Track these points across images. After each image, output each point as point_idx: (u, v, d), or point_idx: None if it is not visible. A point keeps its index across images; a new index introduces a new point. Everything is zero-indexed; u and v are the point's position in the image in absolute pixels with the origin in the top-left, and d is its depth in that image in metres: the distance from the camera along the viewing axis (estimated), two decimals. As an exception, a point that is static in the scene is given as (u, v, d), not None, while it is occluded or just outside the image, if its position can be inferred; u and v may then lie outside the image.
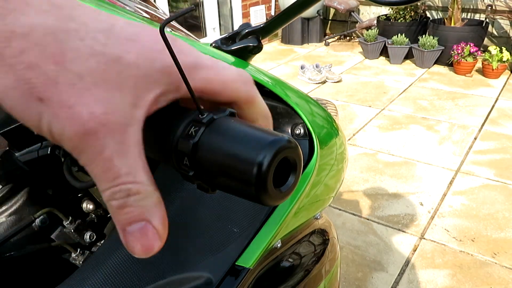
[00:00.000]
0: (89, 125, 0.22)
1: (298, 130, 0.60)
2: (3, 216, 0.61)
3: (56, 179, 0.65)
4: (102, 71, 0.22)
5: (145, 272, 0.46)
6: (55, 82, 0.21)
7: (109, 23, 0.24)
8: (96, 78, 0.22)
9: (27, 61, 0.21)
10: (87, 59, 0.22)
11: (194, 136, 0.26)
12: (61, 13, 0.22)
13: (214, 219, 0.50)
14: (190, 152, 0.26)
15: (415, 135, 2.95)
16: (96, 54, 0.22)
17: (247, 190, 0.25)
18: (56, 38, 0.22)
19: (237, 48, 0.67)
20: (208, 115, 0.26)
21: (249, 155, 0.24)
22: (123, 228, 0.24)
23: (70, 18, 0.23)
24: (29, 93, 0.21)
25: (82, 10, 0.23)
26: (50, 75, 0.21)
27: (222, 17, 4.89)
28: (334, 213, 2.17)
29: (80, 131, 0.22)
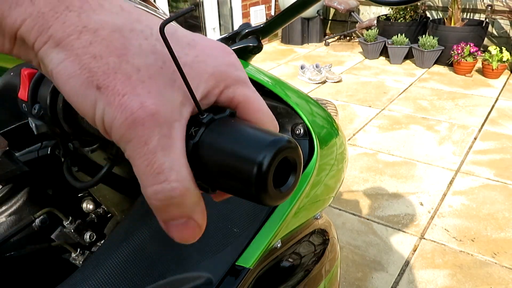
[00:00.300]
0: (138, 114, 0.23)
1: (298, 130, 0.60)
2: (3, 216, 0.61)
3: (56, 179, 0.65)
4: (159, 68, 0.24)
5: (145, 272, 0.46)
6: (114, 72, 0.23)
7: (173, 29, 0.26)
8: (152, 73, 0.24)
9: (93, 52, 0.23)
10: (147, 56, 0.24)
11: (194, 136, 0.26)
12: (130, 16, 0.25)
13: (214, 219, 0.50)
14: (190, 152, 0.26)
15: (415, 135, 2.95)
16: (156, 52, 0.24)
17: (247, 190, 0.25)
18: (122, 34, 0.24)
19: (237, 48, 0.67)
20: (208, 115, 0.26)
21: (249, 155, 0.24)
22: (165, 222, 0.26)
23: (138, 20, 0.25)
24: (89, 81, 0.23)
25: (148, 16, 0.26)
26: (111, 65, 0.23)
27: (222, 17, 4.89)
28: (334, 213, 2.17)
29: (129, 119, 0.23)
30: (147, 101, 0.23)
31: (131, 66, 0.24)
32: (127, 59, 0.24)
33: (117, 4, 0.25)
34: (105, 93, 0.23)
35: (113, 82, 0.23)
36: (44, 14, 0.23)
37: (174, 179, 0.24)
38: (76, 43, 0.23)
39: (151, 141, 0.24)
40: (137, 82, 0.24)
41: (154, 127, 0.24)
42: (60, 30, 0.23)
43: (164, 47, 0.25)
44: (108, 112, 0.23)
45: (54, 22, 0.23)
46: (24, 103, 0.45)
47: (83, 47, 0.23)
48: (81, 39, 0.23)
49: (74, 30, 0.23)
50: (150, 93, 0.24)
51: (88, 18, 0.23)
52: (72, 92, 0.24)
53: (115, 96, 0.23)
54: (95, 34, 0.23)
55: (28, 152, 0.63)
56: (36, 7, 0.23)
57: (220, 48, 0.28)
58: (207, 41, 0.28)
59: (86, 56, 0.23)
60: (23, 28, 0.23)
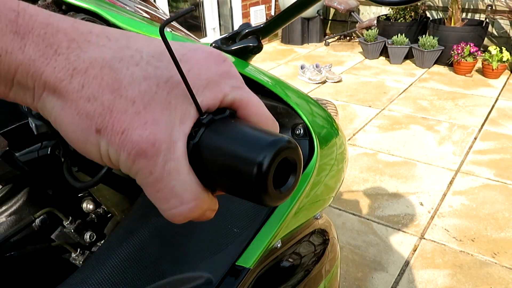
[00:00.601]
0: (138, 147, 0.24)
1: (298, 130, 0.60)
2: (3, 216, 0.61)
3: (56, 179, 0.64)
4: (153, 93, 0.25)
5: (145, 272, 0.46)
6: (110, 111, 0.24)
7: (162, 47, 0.26)
8: (147, 101, 0.24)
9: (86, 95, 0.24)
10: (140, 83, 0.24)
11: (194, 137, 0.26)
12: (118, 45, 0.25)
13: (214, 220, 0.50)
14: (190, 152, 0.26)
15: (415, 135, 2.95)
16: (149, 77, 0.25)
17: (247, 190, 0.25)
18: (112, 68, 0.24)
19: (237, 48, 0.67)
20: (208, 116, 0.26)
21: (249, 155, 0.24)
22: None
23: (126, 47, 0.25)
24: (88, 126, 0.24)
25: (136, 39, 0.26)
26: (106, 104, 0.24)
27: (222, 17, 4.89)
28: (334, 213, 2.17)
29: (131, 153, 0.24)
30: (145, 133, 0.24)
31: (125, 99, 0.24)
32: (121, 93, 0.24)
33: (104, 36, 0.25)
34: (104, 134, 0.24)
35: (110, 121, 0.24)
36: (35, 61, 0.23)
37: (190, 199, 0.26)
38: (69, 88, 0.24)
39: (156, 170, 0.25)
40: (133, 115, 0.24)
41: (156, 156, 0.24)
42: (52, 76, 0.24)
43: (156, 68, 0.25)
44: (111, 151, 0.24)
45: (46, 69, 0.24)
46: (24, 103, 0.45)
47: (77, 92, 0.24)
48: (73, 82, 0.24)
49: (65, 74, 0.24)
50: (147, 123, 0.24)
51: (77, 59, 0.24)
52: (75, 138, 0.25)
53: (115, 135, 0.24)
54: (86, 74, 0.24)
55: (28, 152, 0.63)
56: (26, 55, 0.23)
57: (213, 57, 0.28)
58: (199, 53, 0.27)
59: (81, 100, 0.24)
60: (17, 75, 0.24)
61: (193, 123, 0.26)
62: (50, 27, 0.24)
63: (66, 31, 0.24)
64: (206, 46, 0.28)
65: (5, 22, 0.23)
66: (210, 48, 0.28)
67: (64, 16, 0.25)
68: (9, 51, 0.23)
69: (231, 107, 0.28)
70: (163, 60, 0.25)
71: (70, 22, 0.25)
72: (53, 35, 0.24)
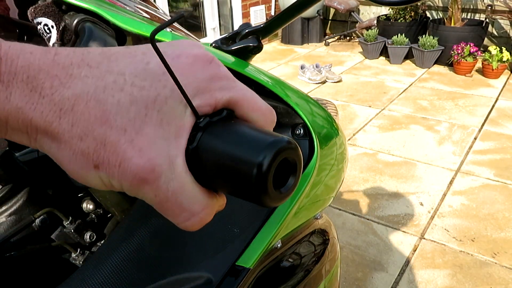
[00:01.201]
0: (138, 176, 0.24)
1: (298, 130, 0.60)
2: (3, 216, 0.61)
3: (56, 179, 0.64)
4: (144, 116, 0.24)
5: (145, 272, 0.46)
6: (103, 145, 0.24)
7: (144, 62, 0.25)
8: (138, 126, 0.24)
9: (77, 134, 0.24)
10: (129, 110, 0.24)
11: (193, 141, 0.26)
12: (99, 72, 0.25)
13: (214, 220, 0.50)
14: (190, 156, 0.26)
15: (415, 135, 2.95)
16: (136, 101, 0.24)
17: (247, 191, 0.25)
18: (97, 100, 0.24)
19: (237, 48, 0.67)
20: (205, 119, 0.26)
21: (249, 156, 0.24)
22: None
23: (108, 71, 0.25)
24: (86, 164, 0.24)
25: (117, 59, 0.25)
26: (98, 139, 0.24)
27: (222, 17, 4.88)
28: (334, 213, 2.17)
29: (133, 183, 0.24)
30: (142, 161, 0.24)
31: (116, 130, 0.24)
32: (111, 125, 0.24)
33: (84, 64, 0.25)
34: (103, 169, 0.24)
35: (105, 156, 0.24)
36: (22, 108, 0.23)
37: (199, 210, 0.26)
38: (60, 129, 0.24)
39: (160, 192, 0.25)
40: (127, 145, 0.24)
41: (157, 180, 0.24)
42: (41, 121, 0.24)
43: (141, 89, 0.24)
44: (114, 182, 0.25)
45: (34, 114, 0.23)
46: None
47: (68, 132, 0.24)
48: (63, 123, 0.24)
49: (53, 117, 0.24)
50: (142, 150, 0.24)
51: (62, 98, 0.24)
52: (76, 175, 0.25)
53: (112, 168, 0.24)
54: (73, 112, 0.24)
55: (28, 152, 0.63)
56: (12, 104, 0.23)
57: (198, 62, 0.27)
58: (183, 59, 0.26)
59: (74, 140, 0.24)
60: (9, 122, 0.24)
61: (189, 133, 0.26)
62: (32, 68, 0.23)
63: (48, 69, 0.24)
64: (189, 48, 0.27)
65: None
66: (194, 50, 0.27)
67: (45, 49, 0.25)
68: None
69: (227, 107, 0.27)
70: (147, 78, 0.25)
71: (50, 57, 0.24)
72: (35, 77, 0.23)
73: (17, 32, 0.74)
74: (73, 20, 0.55)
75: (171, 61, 0.26)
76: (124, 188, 0.25)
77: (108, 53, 0.26)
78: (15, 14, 0.80)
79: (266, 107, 0.29)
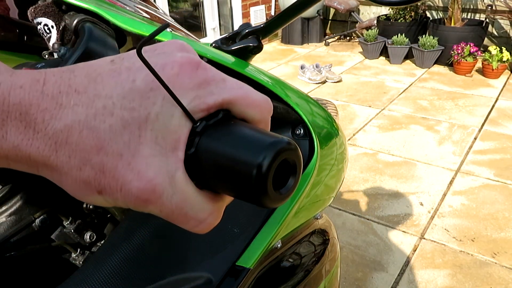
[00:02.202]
0: (141, 198, 0.25)
1: (298, 130, 0.60)
2: (3, 216, 0.61)
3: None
4: (138, 137, 0.24)
5: (145, 272, 0.46)
6: (102, 172, 0.24)
7: (130, 81, 0.25)
8: (134, 149, 0.24)
9: (75, 165, 0.24)
10: (122, 134, 0.24)
11: (191, 146, 0.26)
12: (87, 98, 0.24)
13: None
14: (189, 161, 0.26)
15: (415, 135, 2.95)
16: (128, 124, 0.24)
17: (247, 192, 0.25)
18: (90, 128, 0.24)
19: (237, 48, 0.66)
20: (202, 123, 0.26)
21: (249, 157, 0.24)
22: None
23: (96, 96, 0.24)
24: (89, 190, 0.25)
25: (102, 80, 0.25)
26: (96, 167, 0.24)
27: (222, 17, 4.88)
28: (334, 213, 2.17)
29: (137, 203, 0.25)
30: (141, 183, 0.24)
31: (112, 156, 0.24)
32: (106, 151, 0.24)
33: (71, 90, 0.24)
34: (106, 194, 0.25)
35: (106, 182, 0.24)
36: (19, 146, 0.24)
37: (205, 216, 0.27)
38: (58, 162, 0.24)
39: (164, 208, 0.25)
40: (125, 169, 0.24)
41: (160, 198, 0.25)
42: (38, 155, 0.24)
43: (131, 111, 0.24)
44: (119, 203, 0.25)
45: (31, 150, 0.24)
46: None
47: (66, 163, 0.24)
48: (60, 156, 0.24)
49: (50, 151, 0.24)
50: (140, 172, 0.24)
51: (55, 131, 0.24)
52: (83, 199, 0.26)
53: (115, 193, 0.25)
54: (68, 143, 0.24)
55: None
56: (9, 143, 0.24)
57: (184, 71, 0.26)
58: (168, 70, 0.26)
59: (73, 170, 0.24)
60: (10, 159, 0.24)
61: (186, 142, 0.26)
62: (23, 104, 0.23)
63: (38, 103, 0.24)
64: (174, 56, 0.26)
65: None
66: (178, 57, 0.26)
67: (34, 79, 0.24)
68: None
69: (222, 108, 0.27)
70: (135, 98, 0.25)
71: (39, 88, 0.24)
72: (27, 113, 0.23)
73: (17, 32, 0.74)
74: (73, 20, 0.55)
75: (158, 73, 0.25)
76: (130, 207, 0.26)
77: (93, 74, 0.25)
78: (15, 14, 0.80)
79: (261, 98, 0.28)
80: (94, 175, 0.24)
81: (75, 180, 0.25)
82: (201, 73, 0.27)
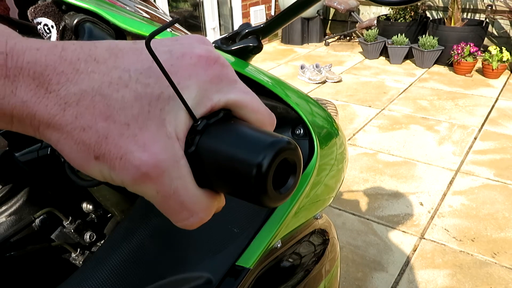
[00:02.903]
0: (141, 170, 0.24)
1: (298, 130, 0.60)
2: (3, 216, 0.61)
3: (56, 179, 0.64)
4: (147, 113, 0.24)
5: (145, 272, 0.46)
6: (105, 138, 0.24)
7: (150, 60, 0.25)
8: (141, 122, 0.24)
9: (80, 125, 0.24)
10: (132, 106, 0.24)
11: (191, 145, 0.26)
12: (105, 67, 0.25)
13: (214, 219, 0.50)
14: (189, 159, 0.26)
15: (415, 135, 2.95)
16: (140, 98, 0.24)
17: (247, 191, 0.25)
18: (102, 95, 0.24)
19: (237, 48, 0.67)
20: (202, 122, 0.26)
21: (249, 157, 0.24)
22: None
23: (114, 67, 0.25)
24: (87, 154, 0.24)
25: (124, 56, 0.25)
26: (101, 132, 0.24)
27: (222, 17, 4.88)
28: (334, 213, 2.17)
29: (135, 177, 0.24)
30: (144, 155, 0.24)
31: (119, 124, 0.24)
32: (114, 119, 0.24)
33: (92, 59, 0.25)
34: (104, 161, 0.24)
35: (107, 148, 0.24)
36: (27, 102, 0.24)
37: (199, 210, 0.26)
38: (63, 121, 0.24)
39: (163, 189, 0.25)
40: (130, 139, 0.24)
41: (160, 176, 0.24)
42: (45, 113, 0.24)
43: (145, 87, 0.25)
44: (114, 175, 0.24)
45: (38, 108, 0.24)
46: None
47: (71, 123, 0.24)
48: (66, 115, 0.24)
49: (58, 109, 0.24)
50: (145, 145, 0.24)
51: (68, 93, 0.24)
52: (78, 165, 0.25)
53: (114, 160, 0.24)
54: (78, 106, 0.24)
55: (28, 152, 0.63)
56: (18, 98, 0.24)
57: (202, 62, 0.27)
58: (187, 59, 0.26)
59: (76, 131, 0.24)
60: (14, 115, 0.24)
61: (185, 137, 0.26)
62: (39, 65, 0.24)
63: (55, 66, 0.24)
64: (195, 47, 0.27)
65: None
66: (200, 50, 0.27)
67: (52, 45, 0.25)
68: (0, 96, 0.23)
69: (225, 108, 0.27)
70: (151, 75, 0.25)
71: (57, 53, 0.24)
72: (42, 73, 0.24)
73: (17, 32, 0.74)
74: (73, 20, 0.55)
75: (175, 61, 0.26)
76: (125, 182, 0.25)
77: (115, 49, 0.26)
78: (15, 14, 0.80)
79: (266, 110, 0.29)
80: (96, 139, 0.24)
81: (76, 140, 0.24)
82: (217, 68, 0.27)
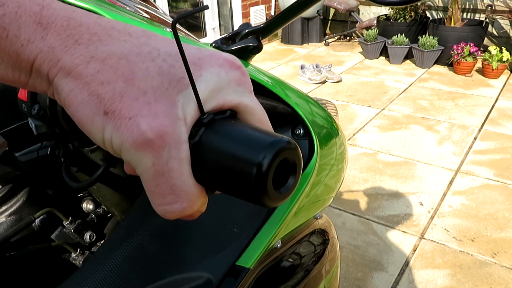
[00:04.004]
0: (146, 135, 0.24)
1: (298, 130, 0.60)
2: (3, 216, 0.61)
3: (56, 179, 0.65)
4: (165, 89, 0.25)
5: (145, 272, 0.46)
6: (121, 96, 0.24)
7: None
8: (158, 95, 0.25)
9: (100, 79, 0.24)
10: (154, 78, 0.25)
11: (195, 136, 0.26)
12: (137, 41, 0.26)
13: (214, 220, 0.50)
14: (191, 152, 0.26)
15: (415, 135, 2.95)
16: (163, 74, 0.25)
17: (247, 191, 0.25)
18: (128, 60, 0.25)
19: (237, 48, 0.67)
20: (209, 116, 0.26)
21: (249, 156, 0.24)
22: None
23: (145, 43, 0.26)
24: (97, 107, 0.24)
25: (157, 38, 0.27)
26: (118, 90, 0.24)
27: (222, 17, 4.88)
28: (334, 213, 2.17)
29: (137, 140, 0.24)
30: (154, 123, 0.24)
31: (137, 89, 0.24)
32: (134, 83, 0.24)
33: (126, 32, 0.26)
34: (112, 117, 0.24)
35: (119, 106, 0.24)
36: (54, 48, 0.24)
37: (186, 199, 0.26)
38: (84, 71, 0.24)
39: (159, 163, 0.24)
40: (143, 104, 0.24)
41: (162, 148, 0.24)
42: (69, 61, 0.24)
43: (170, 67, 0.25)
44: (115, 136, 0.24)
45: (64, 55, 0.24)
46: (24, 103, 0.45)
47: (91, 75, 0.24)
48: (89, 68, 0.24)
49: (82, 61, 0.24)
50: (157, 114, 0.24)
51: (96, 49, 0.25)
52: (83, 118, 0.25)
53: (122, 119, 0.24)
54: (103, 63, 0.24)
55: (28, 152, 0.63)
56: (46, 43, 0.24)
57: (226, 64, 0.28)
58: (214, 59, 0.27)
59: (94, 83, 0.24)
60: (36, 62, 0.24)
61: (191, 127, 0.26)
62: (73, 20, 0.25)
63: (89, 26, 0.25)
64: (225, 54, 0.28)
65: (29, 14, 0.24)
66: (226, 55, 0.28)
67: (88, 12, 0.26)
68: (31, 40, 0.24)
69: (233, 109, 0.28)
70: (178, 60, 0.26)
71: (93, 19, 0.26)
72: (75, 28, 0.25)
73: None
74: (73, 20, 0.55)
75: (204, 57, 0.27)
76: (125, 144, 0.24)
77: (149, 32, 0.27)
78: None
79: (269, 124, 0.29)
80: (111, 95, 0.24)
81: (91, 92, 0.24)
82: (238, 73, 0.28)
